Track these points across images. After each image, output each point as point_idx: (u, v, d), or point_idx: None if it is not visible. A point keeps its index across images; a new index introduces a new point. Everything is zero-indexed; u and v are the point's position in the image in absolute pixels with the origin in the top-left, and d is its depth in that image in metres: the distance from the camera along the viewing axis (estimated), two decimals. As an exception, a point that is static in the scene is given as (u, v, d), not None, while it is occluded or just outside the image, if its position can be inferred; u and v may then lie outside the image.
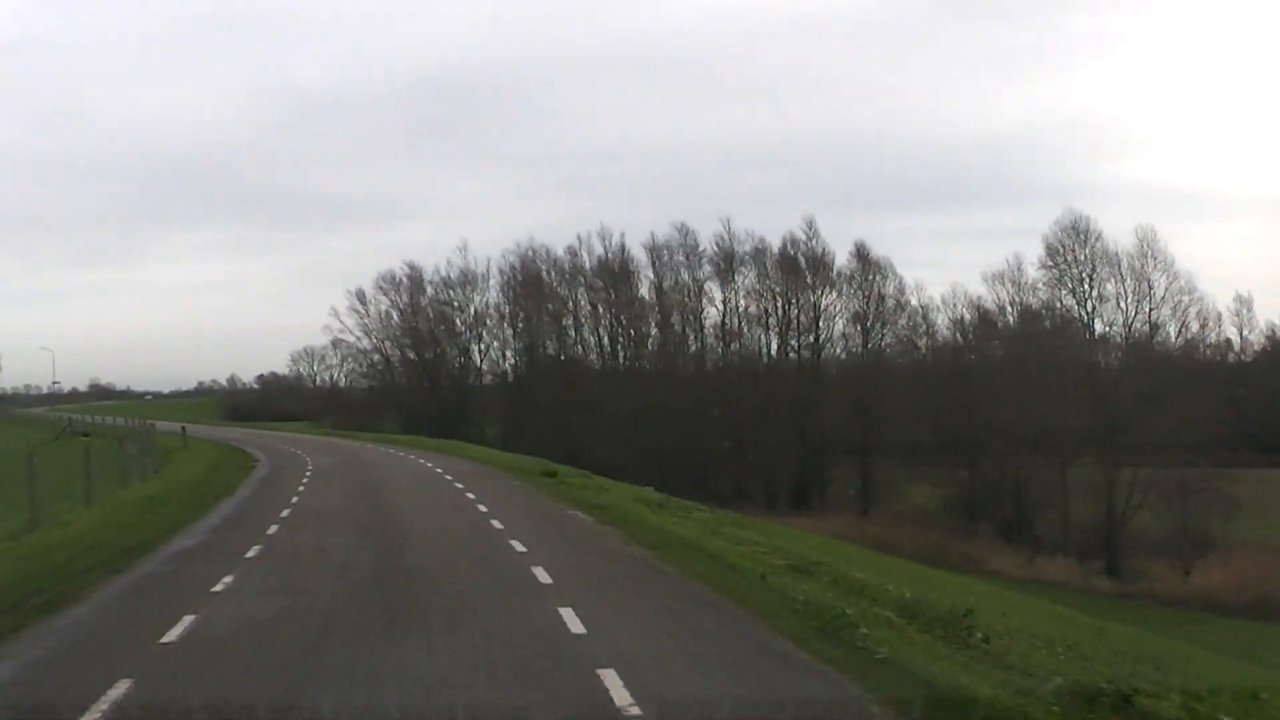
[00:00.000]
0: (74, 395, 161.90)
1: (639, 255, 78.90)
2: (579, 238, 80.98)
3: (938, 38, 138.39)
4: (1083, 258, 60.88)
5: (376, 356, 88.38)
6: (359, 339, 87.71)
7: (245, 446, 48.84)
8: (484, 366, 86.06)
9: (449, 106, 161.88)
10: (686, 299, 76.96)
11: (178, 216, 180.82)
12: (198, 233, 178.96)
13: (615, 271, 78.67)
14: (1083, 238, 61.03)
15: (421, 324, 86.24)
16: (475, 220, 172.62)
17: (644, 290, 79.46)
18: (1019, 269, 66.45)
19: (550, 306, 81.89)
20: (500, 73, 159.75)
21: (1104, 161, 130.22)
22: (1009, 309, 67.38)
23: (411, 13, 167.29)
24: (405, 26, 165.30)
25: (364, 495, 26.25)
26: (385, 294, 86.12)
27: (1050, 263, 62.76)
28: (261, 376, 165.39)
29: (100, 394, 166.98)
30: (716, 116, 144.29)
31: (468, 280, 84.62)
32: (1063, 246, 61.98)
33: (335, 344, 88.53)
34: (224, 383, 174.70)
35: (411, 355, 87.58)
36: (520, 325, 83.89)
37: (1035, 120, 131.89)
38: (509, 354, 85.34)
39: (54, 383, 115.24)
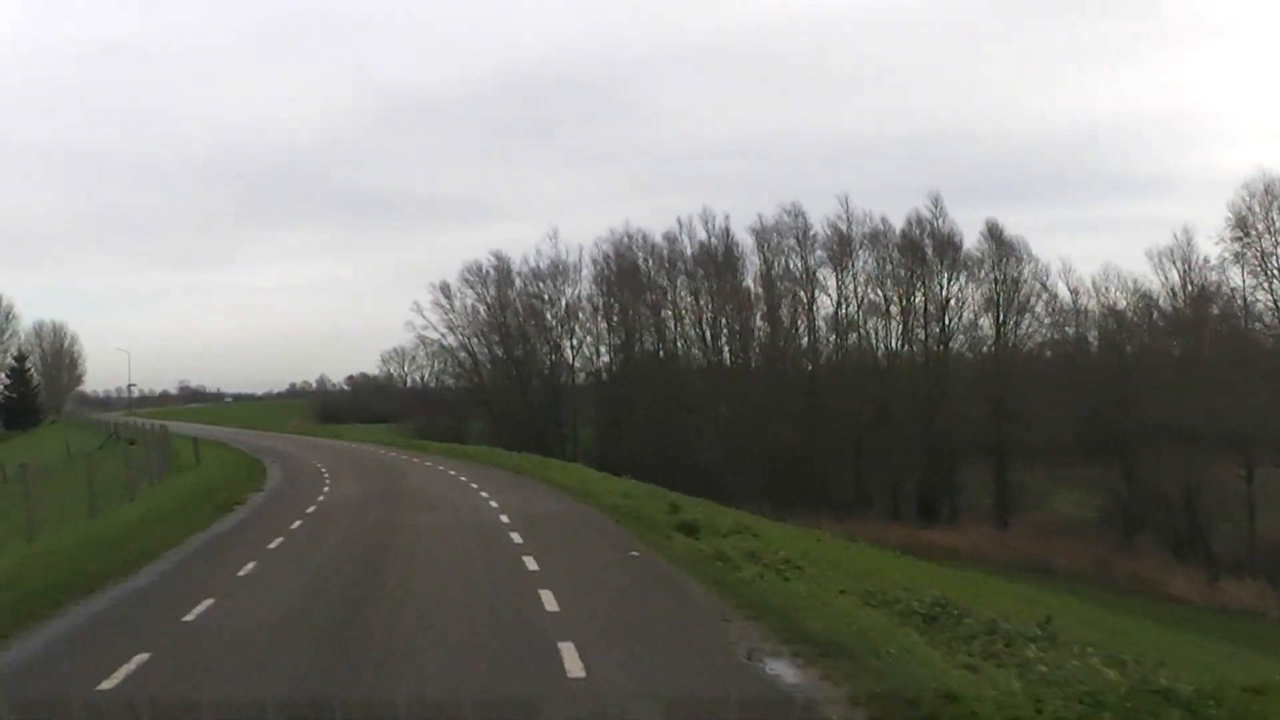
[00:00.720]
0: (164, 398, 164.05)
1: (744, 241, 72.26)
2: (679, 222, 74.70)
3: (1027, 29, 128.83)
4: (1277, 226, 51.80)
5: (463, 354, 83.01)
6: (444, 336, 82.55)
7: (273, 463, 39.20)
8: (576, 364, 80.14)
9: (542, 104, 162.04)
10: (798, 287, 69.97)
11: (272, 218, 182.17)
12: (292, 234, 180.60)
13: (719, 259, 72.09)
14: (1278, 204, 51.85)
15: (510, 319, 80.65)
16: (570, 219, 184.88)
17: (749, 279, 72.75)
18: (1188, 244, 57.99)
19: (648, 297, 75.63)
20: (594, 69, 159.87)
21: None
22: (1177, 291, 58.68)
23: (503, 11, 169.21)
24: (497, 25, 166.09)
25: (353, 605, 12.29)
26: (471, 287, 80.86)
27: (1237, 234, 53.57)
28: (351, 377, 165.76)
29: (189, 397, 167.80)
30: (822, 110, 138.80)
31: (558, 271, 78.93)
32: (1252, 214, 52.89)
33: (420, 341, 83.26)
34: (314, 384, 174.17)
35: (499, 353, 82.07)
36: (615, 319, 77.79)
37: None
38: (603, 350, 79.36)
39: (130, 385, 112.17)
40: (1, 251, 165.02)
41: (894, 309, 68.41)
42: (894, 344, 68.98)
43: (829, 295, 69.52)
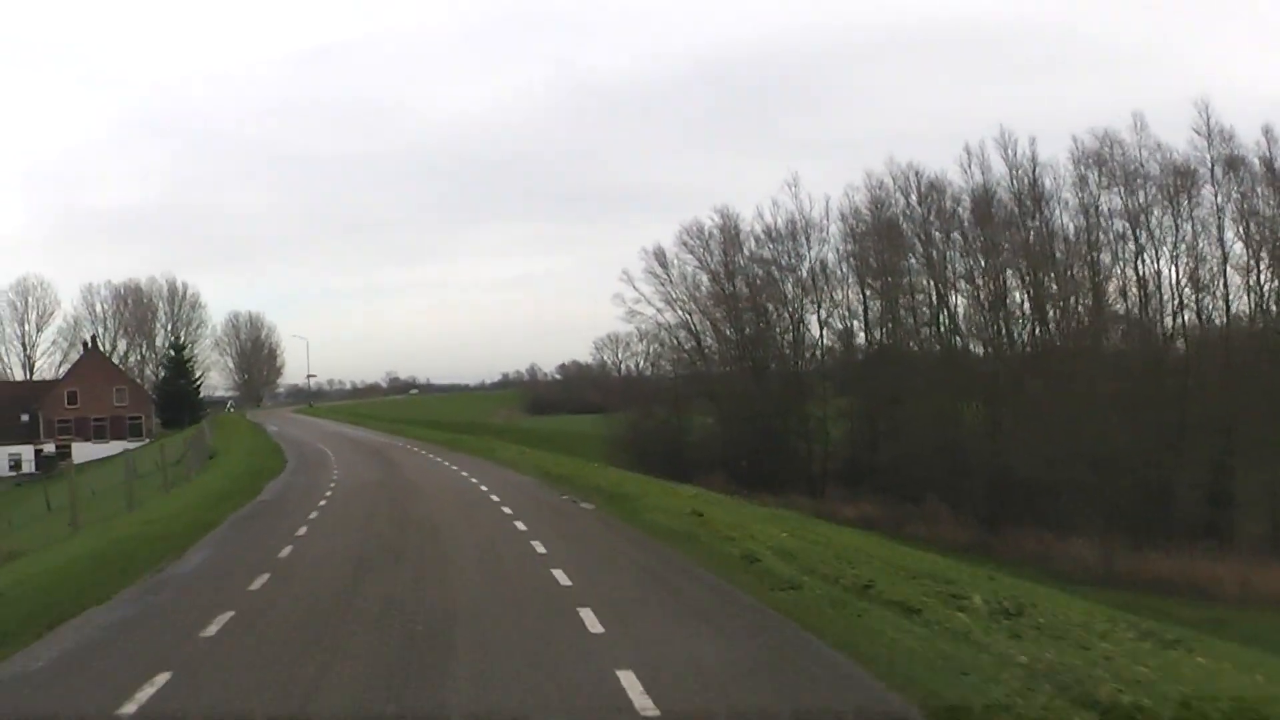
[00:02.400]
0: (374, 389, 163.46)
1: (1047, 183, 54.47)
2: (967, 150, 56.11)
3: None
4: None
5: (682, 333, 68.85)
6: (659, 311, 68.62)
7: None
8: (823, 343, 64.66)
9: (751, 93, 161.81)
10: (1124, 239, 52.09)
11: (483, 212, 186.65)
12: (503, 226, 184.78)
13: (1020, 201, 54.55)
14: None
15: (739, 289, 66.00)
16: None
17: (1056, 229, 55.05)
18: None
19: (914, 257, 59.42)
20: (803, 56, 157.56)
21: None
22: None
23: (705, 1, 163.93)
24: (702, 13, 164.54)
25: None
26: (691, 252, 66.81)
27: None
28: (563, 366, 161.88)
29: (398, 388, 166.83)
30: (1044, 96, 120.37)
31: (798, 230, 63.76)
32: None
33: (630, 317, 69.54)
34: (523, 374, 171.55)
35: (727, 331, 67.60)
36: (872, 286, 61.88)
37: None
38: (856, 326, 63.55)
39: (309, 376, 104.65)
40: (218, 250, 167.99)
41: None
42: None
43: (1163, 249, 51.34)
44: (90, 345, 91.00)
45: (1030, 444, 44.68)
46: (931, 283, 57.23)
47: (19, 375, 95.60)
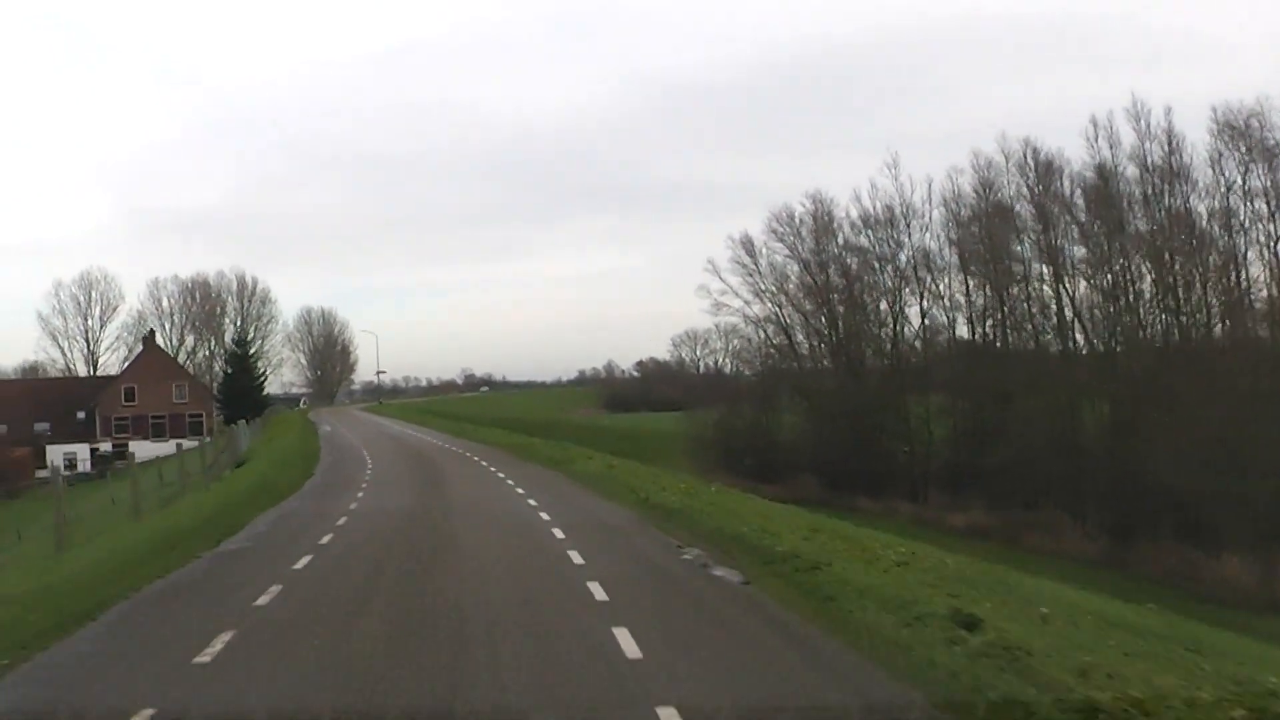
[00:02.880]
0: (449, 386, 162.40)
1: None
2: (1093, 122, 50.10)
3: None
4: None
5: (771, 327, 64.70)
6: (747, 303, 64.50)
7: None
8: (924, 336, 59.97)
9: (834, 87, 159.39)
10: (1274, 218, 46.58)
11: (560, 209, 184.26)
12: (580, 223, 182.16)
13: (1151, 178, 49.34)
14: None
15: (833, 279, 61.60)
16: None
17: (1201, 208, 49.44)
18: None
19: (1026, 242, 54.48)
20: (877, 49, 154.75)
21: None
22: None
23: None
24: (776, 9, 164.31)
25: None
26: (781, 240, 62.52)
27: None
28: (641, 363, 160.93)
29: (473, 385, 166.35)
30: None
31: (896, 215, 59.18)
32: None
33: (715, 310, 65.47)
34: (599, 371, 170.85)
35: (819, 324, 63.25)
36: (978, 275, 57.07)
37: None
38: (960, 318, 58.75)
39: (379, 371, 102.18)
40: (291, 249, 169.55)
41: None
42: None
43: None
44: (149, 340, 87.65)
45: (1170, 447, 39.60)
46: (1048, 269, 52.22)
47: (82, 371, 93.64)
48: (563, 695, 6.98)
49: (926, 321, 59.37)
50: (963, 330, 58.65)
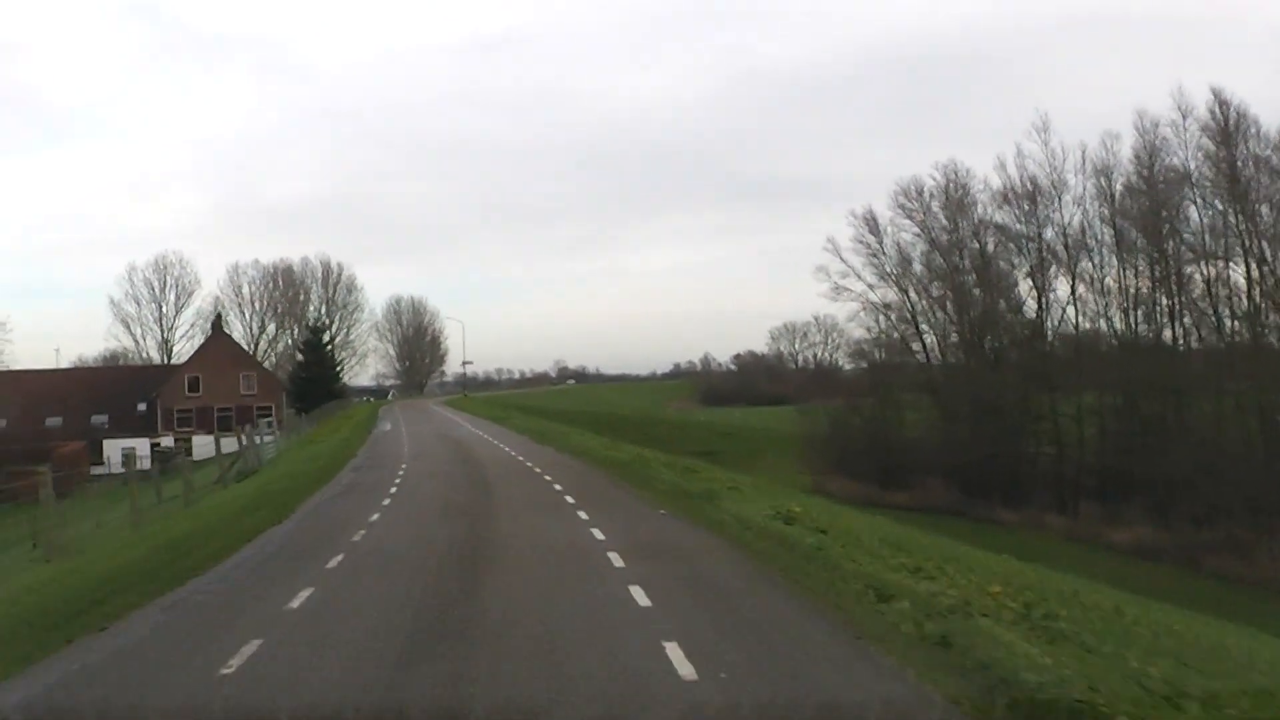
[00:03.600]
0: (542, 378, 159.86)
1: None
2: None
3: None
4: None
5: (893, 315, 58.08)
6: (871, 287, 57.89)
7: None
8: (1077, 325, 52.88)
9: (926, 81, 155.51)
10: None
11: (655, 202, 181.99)
12: (675, 217, 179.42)
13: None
14: None
15: (967, 261, 54.77)
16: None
17: None
18: None
19: (1200, 215, 47.02)
20: (980, 42, 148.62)
21: None
22: None
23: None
24: (874, 3, 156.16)
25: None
26: (909, 216, 55.78)
27: None
28: (738, 356, 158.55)
29: (567, 377, 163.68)
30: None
31: (1042, 187, 52.02)
32: None
33: (835, 294, 58.87)
34: (695, 364, 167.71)
35: (947, 313, 56.48)
36: (1139, 254, 49.73)
37: None
38: (1115, 306, 51.40)
39: (464, 362, 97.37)
40: (383, 240, 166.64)
41: None
42: None
43: None
44: (216, 326, 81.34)
45: None
46: (1236, 246, 44.67)
47: (156, 359, 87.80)
48: None
49: (1076, 308, 52.17)
50: (1118, 319, 51.31)
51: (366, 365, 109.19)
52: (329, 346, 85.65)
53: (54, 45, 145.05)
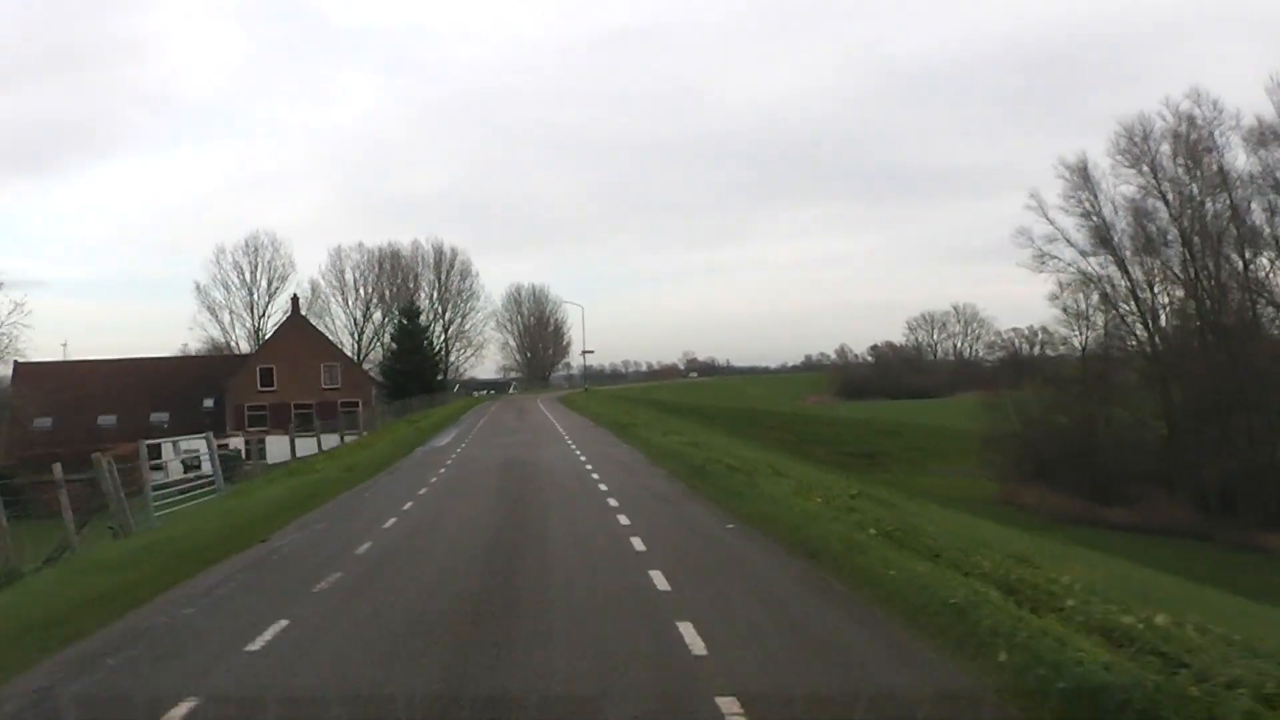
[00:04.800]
0: (671, 370, 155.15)
1: None
2: None
3: None
4: None
5: (1108, 288, 47.05)
6: (1084, 254, 46.90)
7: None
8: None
9: (1056, 71, 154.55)
10: None
11: (785, 195, 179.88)
12: (804, 210, 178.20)
13: None
14: None
15: (1211, 218, 43.57)
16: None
17: None
18: None
19: None
20: (1112, 31, 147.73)
21: None
22: None
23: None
24: None
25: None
26: (1133, 164, 44.75)
27: None
28: (875, 348, 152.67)
29: (697, 369, 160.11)
30: None
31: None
32: None
33: (1040, 261, 47.70)
34: (832, 356, 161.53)
35: (1178, 285, 45.30)
36: None
37: None
38: None
39: (584, 351, 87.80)
40: (516, 234, 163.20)
41: None
42: None
43: None
44: (294, 309, 69.28)
45: None
46: None
47: (245, 349, 78.41)
48: None
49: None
50: None
51: (483, 357, 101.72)
52: (428, 334, 77.58)
53: (184, 41, 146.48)
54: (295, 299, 72.42)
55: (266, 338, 71.31)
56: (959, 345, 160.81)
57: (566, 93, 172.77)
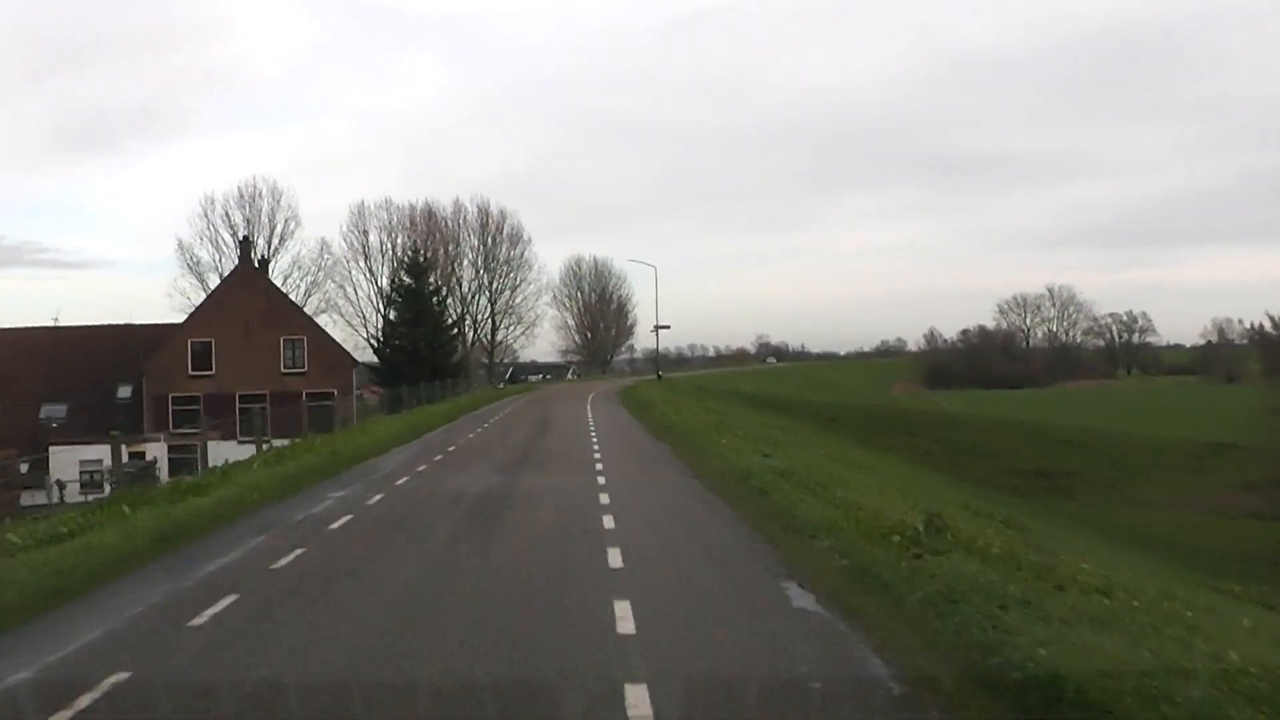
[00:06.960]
0: (741, 355, 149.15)
1: None
2: None
3: None
4: None
5: None
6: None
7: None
8: None
9: (1119, 59, 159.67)
10: None
11: (849, 181, 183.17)
12: (870, 196, 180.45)
13: None
14: None
15: None
16: (1156, 181, 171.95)
17: None
18: None
19: None
20: (1170, 20, 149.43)
21: None
22: None
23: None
24: None
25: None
26: None
27: None
28: (965, 332, 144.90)
29: (768, 353, 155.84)
30: None
31: None
32: None
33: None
34: (904, 342, 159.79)
35: None
36: None
37: None
38: None
39: (657, 326, 71.47)
40: (577, 220, 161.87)
41: None
42: None
43: None
44: (241, 256, 50.87)
45: None
46: None
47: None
48: None
49: None
50: None
51: (535, 337, 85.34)
52: (439, 297, 60.78)
53: (251, 26, 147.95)
54: (245, 241, 54.12)
55: (202, 302, 53.09)
56: (1054, 329, 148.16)
57: (625, 78, 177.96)
